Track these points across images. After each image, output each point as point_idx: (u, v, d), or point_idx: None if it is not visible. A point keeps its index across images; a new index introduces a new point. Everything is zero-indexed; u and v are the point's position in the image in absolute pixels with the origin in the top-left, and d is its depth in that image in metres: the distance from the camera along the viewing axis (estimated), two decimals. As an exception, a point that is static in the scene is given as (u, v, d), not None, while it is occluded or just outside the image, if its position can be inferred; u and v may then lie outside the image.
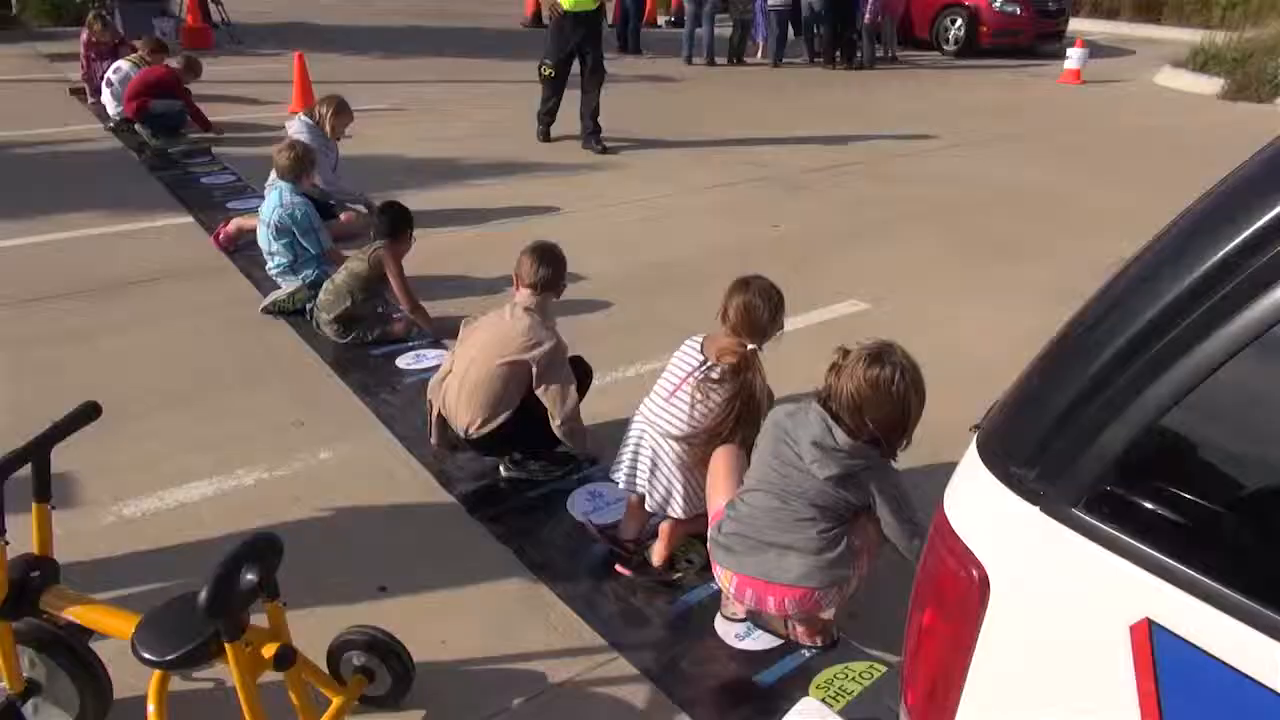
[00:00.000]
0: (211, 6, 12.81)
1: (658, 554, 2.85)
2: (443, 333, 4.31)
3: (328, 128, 5.56)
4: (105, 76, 7.88)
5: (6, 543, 1.98)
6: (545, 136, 8.21)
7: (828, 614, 2.49)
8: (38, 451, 2.05)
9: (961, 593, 1.30)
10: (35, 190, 6.25)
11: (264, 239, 4.62)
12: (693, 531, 2.87)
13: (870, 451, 2.29)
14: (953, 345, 4.48)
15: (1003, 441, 1.29)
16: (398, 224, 4.28)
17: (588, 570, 2.87)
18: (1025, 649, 1.27)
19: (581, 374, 3.32)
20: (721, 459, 2.64)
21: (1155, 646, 1.11)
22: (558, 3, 7.47)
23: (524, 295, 3.15)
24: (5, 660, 2.04)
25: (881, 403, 2.23)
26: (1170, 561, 1.10)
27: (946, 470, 1.46)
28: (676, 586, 2.82)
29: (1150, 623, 1.11)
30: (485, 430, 3.10)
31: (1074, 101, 11.48)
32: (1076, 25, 17.13)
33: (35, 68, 10.57)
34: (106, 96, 7.87)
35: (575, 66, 7.82)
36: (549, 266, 3.16)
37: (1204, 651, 1.07)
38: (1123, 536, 1.14)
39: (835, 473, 2.26)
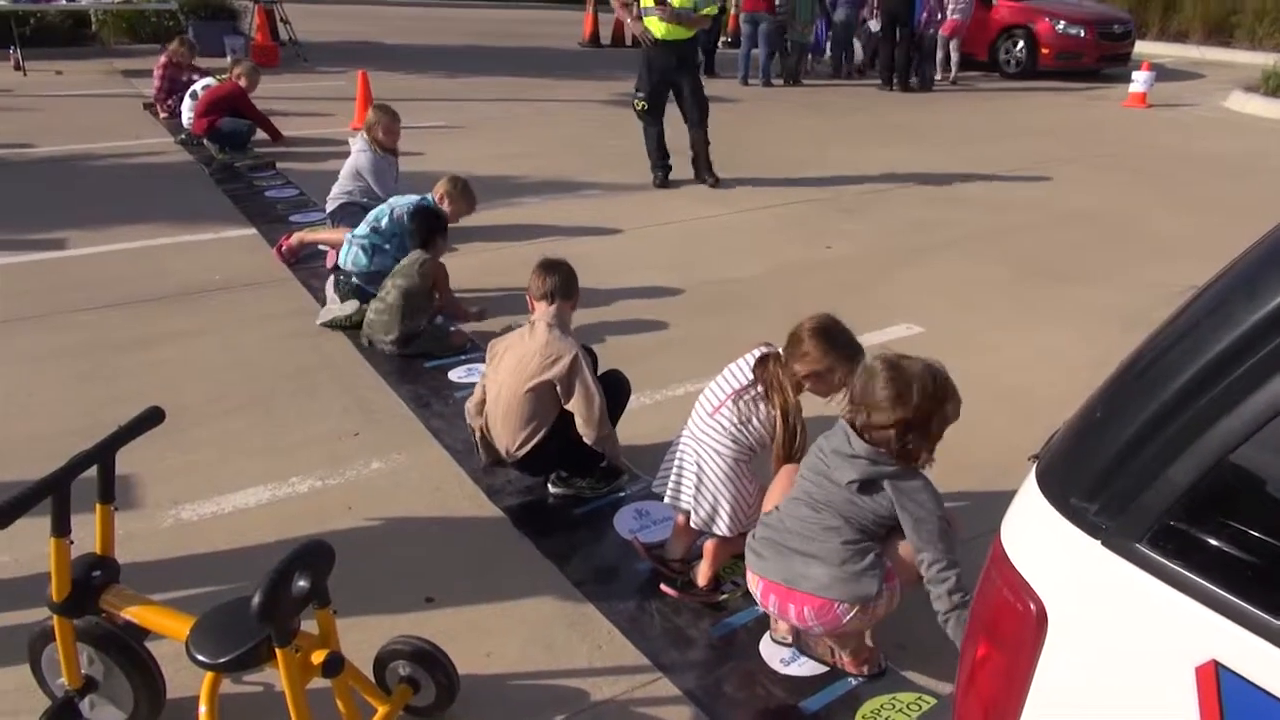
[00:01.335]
0: (280, 25, 13.19)
1: (703, 574, 2.84)
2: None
3: (380, 139, 5.65)
4: (192, 90, 8.11)
5: (71, 542, 2.03)
6: (662, 182, 7.39)
7: (859, 634, 2.44)
8: (103, 454, 2.11)
9: (1017, 625, 1.26)
10: (108, 201, 6.47)
11: (377, 216, 4.76)
12: (738, 552, 2.85)
13: (890, 460, 2.27)
14: (1009, 371, 4.40)
15: (1063, 472, 1.26)
16: (430, 231, 4.42)
17: (633, 588, 2.86)
18: (1083, 687, 1.23)
19: (620, 389, 3.34)
20: (783, 477, 2.63)
21: (1222, 690, 1.07)
22: (649, 30, 6.94)
23: (540, 310, 3.20)
24: (66, 657, 2.09)
25: (912, 409, 2.21)
26: (1239, 601, 1.06)
27: (1001, 499, 1.43)
28: (721, 608, 2.79)
29: (1217, 665, 1.07)
30: (524, 451, 3.13)
31: (1139, 125, 11.24)
32: (1143, 48, 16.80)
33: (111, 83, 10.97)
34: (186, 110, 8.12)
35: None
36: (557, 276, 3.19)
37: (1274, 696, 1.03)
38: (1188, 574, 1.10)
39: (854, 477, 2.26)
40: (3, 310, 4.61)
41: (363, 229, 4.75)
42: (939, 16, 13.08)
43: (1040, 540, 1.27)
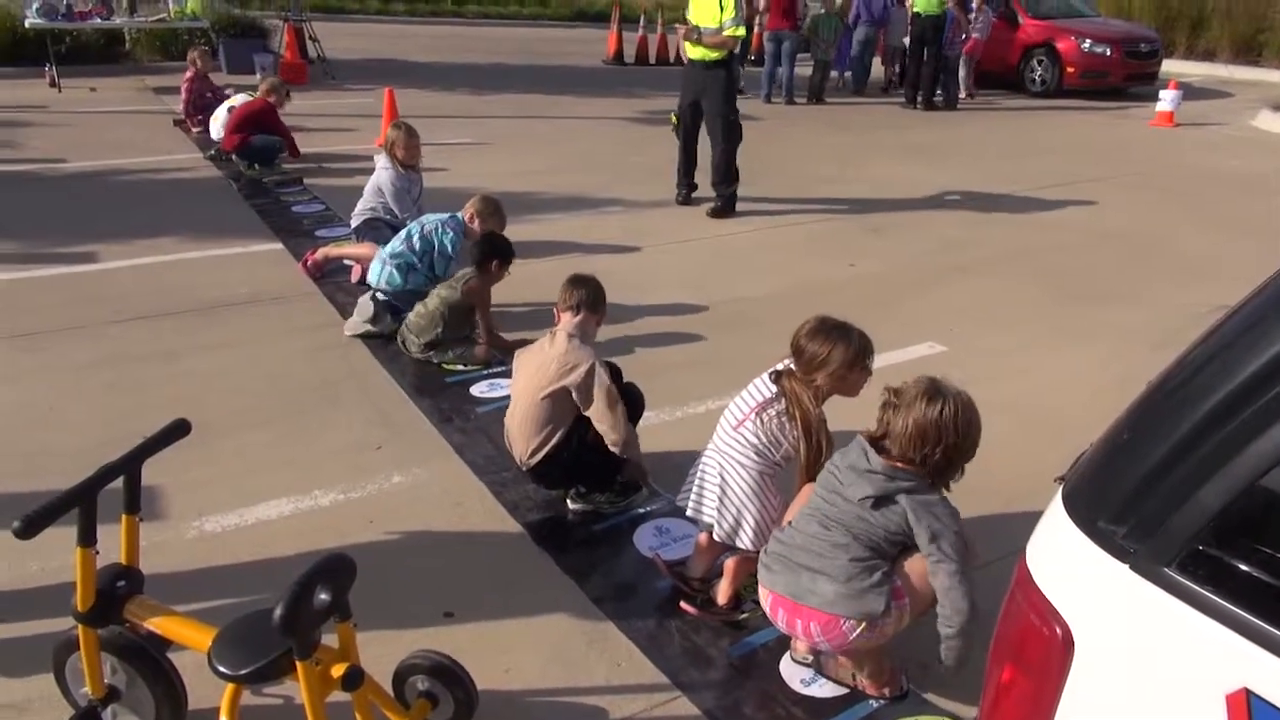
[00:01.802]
0: (309, 43, 13.37)
1: (723, 592, 2.82)
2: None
3: (399, 156, 5.69)
4: (228, 105, 8.23)
5: (97, 552, 2.05)
6: (683, 199, 7.46)
7: (875, 654, 2.42)
8: (130, 466, 2.13)
9: (1044, 650, 1.24)
10: (138, 215, 6.56)
11: (408, 233, 4.80)
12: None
13: (909, 475, 2.26)
14: (1035, 391, 4.36)
15: (1091, 494, 1.25)
16: (487, 254, 4.42)
17: (652, 606, 2.85)
18: (1111, 714, 1.21)
19: (634, 403, 3.35)
20: (804, 493, 2.62)
21: (1254, 719, 1.05)
22: (685, 49, 7.07)
23: (565, 320, 3.24)
24: (90, 666, 2.11)
25: (941, 437, 2.22)
26: (1271, 629, 1.04)
27: (1026, 521, 1.42)
28: (741, 627, 2.77)
29: (1248, 693, 1.05)
30: (538, 458, 3.15)
31: (1166, 144, 11.15)
32: (1170, 66, 16.70)
33: (143, 99, 11.16)
34: (216, 126, 8.24)
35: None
36: (585, 289, 3.25)
37: (1309, 727, 1.01)
38: (1219, 600, 1.08)
39: (869, 493, 2.25)
40: (34, 322, 4.68)
41: (396, 246, 4.78)
42: (963, 35, 13.09)
43: (1067, 564, 1.25)
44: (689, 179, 7.46)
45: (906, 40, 13.61)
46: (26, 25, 11.63)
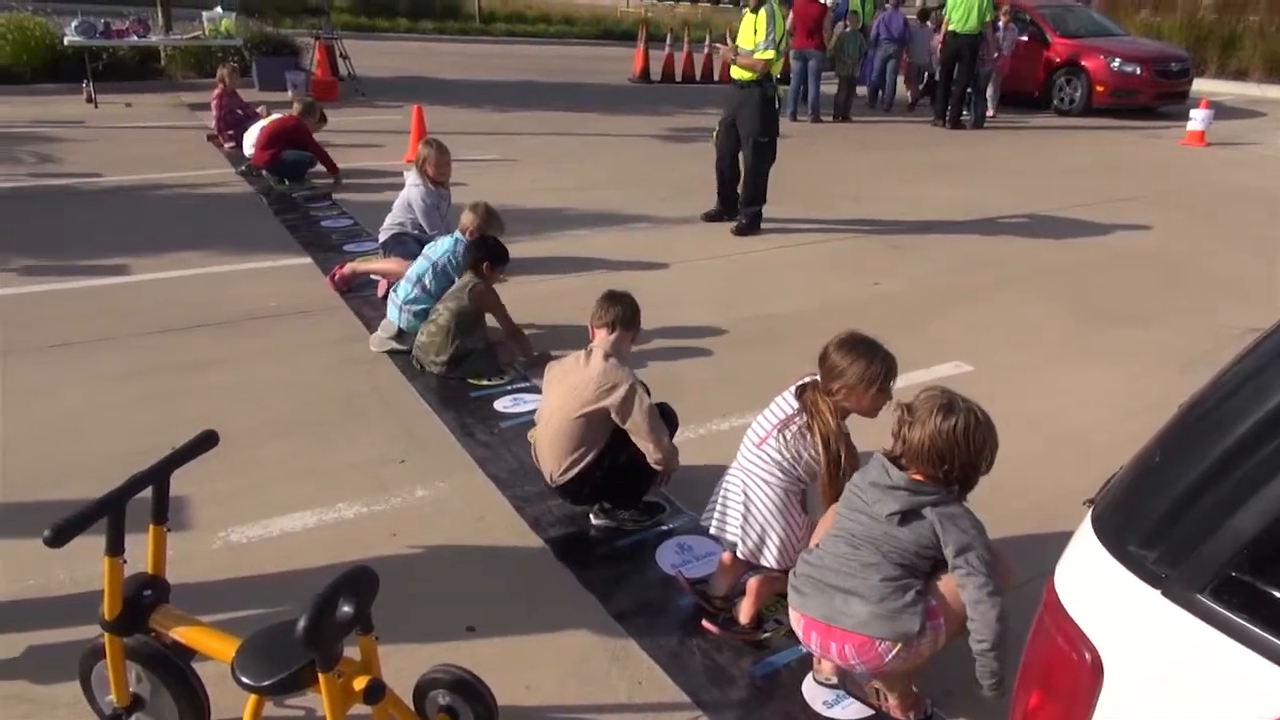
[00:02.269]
0: (340, 61, 13.56)
1: (745, 612, 2.80)
2: (540, 361, 4.46)
3: (430, 173, 5.74)
4: (260, 125, 8.34)
5: (124, 561, 2.07)
6: (710, 216, 7.46)
7: (906, 677, 2.39)
8: (158, 476, 2.15)
9: (1072, 675, 1.22)
10: (171, 229, 6.66)
11: (419, 275, 4.76)
12: (781, 591, 2.81)
13: (932, 489, 2.24)
14: (1062, 411, 4.31)
15: (1121, 518, 1.23)
16: (477, 259, 4.46)
17: (674, 624, 2.83)
18: (1142, 742, 1.18)
19: (668, 421, 3.32)
20: (830, 514, 2.60)
21: (1290, 751, 1.03)
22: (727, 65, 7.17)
23: (600, 337, 3.23)
24: (115, 674, 2.13)
25: (959, 451, 2.21)
26: (1308, 659, 1.02)
27: (1054, 543, 1.40)
28: (764, 646, 2.75)
29: (1285, 724, 1.03)
30: (568, 476, 3.14)
31: (1197, 164, 11.03)
32: (1201, 86, 16.55)
33: (177, 115, 11.35)
34: (249, 142, 8.36)
35: None
36: (621, 306, 3.24)
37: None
38: (1253, 628, 1.06)
39: (895, 509, 2.23)
40: (68, 333, 4.76)
41: (409, 290, 4.68)
42: (994, 55, 13.07)
43: (1096, 588, 1.23)
44: (720, 194, 7.48)
45: (930, 58, 13.66)
46: (66, 43, 11.89)
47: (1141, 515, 1.19)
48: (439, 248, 4.83)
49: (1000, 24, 13.36)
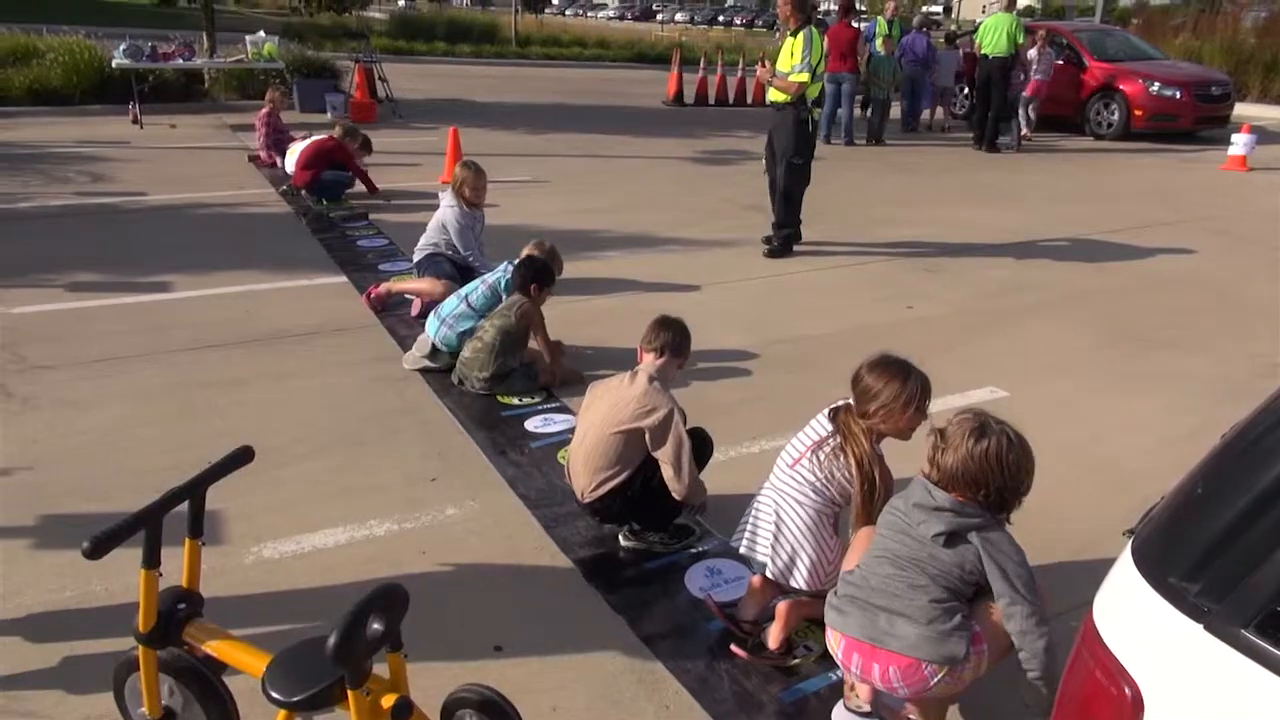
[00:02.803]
0: (378, 84, 13.80)
1: (774, 637, 2.77)
2: (574, 379, 4.61)
3: (466, 195, 5.80)
4: (301, 146, 8.51)
5: (160, 574, 2.10)
6: (766, 241, 7.34)
7: (942, 704, 2.34)
8: (195, 491, 2.18)
9: (1112, 710, 1.20)
10: (211, 247, 6.79)
11: (467, 292, 4.82)
12: (812, 616, 2.78)
13: (975, 511, 2.22)
14: (1100, 440, 4.24)
15: (1162, 550, 1.20)
16: (526, 279, 4.51)
17: (702, 648, 2.81)
18: (1183, 781, 1.15)
19: (704, 446, 3.34)
20: (863, 537, 2.58)
21: (1340, 794, 0.99)
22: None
23: (647, 361, 3.25)
24: (149, 686, 2.15)
25: (993, 475, 2.19)
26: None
27: (1091, 572, 1.37)
28: (793, 673, 2.72)
29: (1334, 766, 1.00)
30: (599, 493, 3.15)
31: (1238, 189, 10.86)
32: (1243, 110, 16.34)
33: (220, 136, 11.59)
34: (290, 161, 8.51)
35: None
36: (671, 332, 3.26)
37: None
38: (1301, 665, 1.03)
39: (940, 529, 2.21)
40: (110, 348, 4.85)
41: (455, 305, 4.74)
42: (1020, 77, 13.03)
43: (1136, 621, 1.21)
44: (776, 224, 7.43)
45: (954, 81, 13.74)
46: (114, 66, 12.21)
47: (1184, 547, 1.16)
48: (496, 272, 4.91)
49: (1033, 48, 13.31)
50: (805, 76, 6.69)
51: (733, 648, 2.77)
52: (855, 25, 12.80)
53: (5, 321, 5.18)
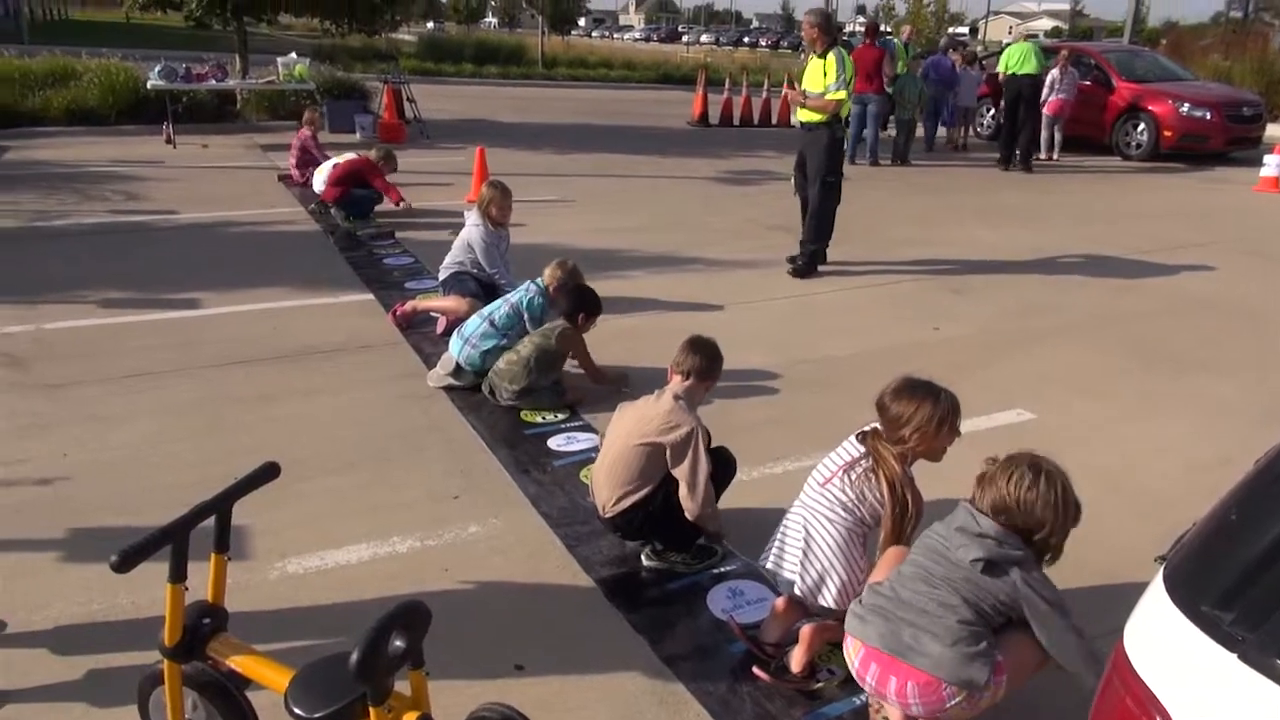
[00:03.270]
0: (406, 104, 13.98)
1: (797, 660, 2.74)
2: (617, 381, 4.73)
3: (492, 214, 5.84)
4: (332, 162, 8.62)
5: (186, 589, 2.11)
6: (791, 260, 7.33)
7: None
8: (221, 505, 2.20)
9: (1143, 741, 1.17)
10: (240, 265, 6.88)
11: (491, 311, 4.84)
12: (834, 640, 2.75)
13: (1019, 544, 2.22)
14: (1130, 464, 4.18)
15: (1195, 577, 1.18)
16: (575, 308, 4.57)
17: (724, 669, 2.79)
18: (1218, 815, 1.12)
19: (725, 465, 3.34)
20: (890, 556, 2.57)
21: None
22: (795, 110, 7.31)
23: (675, 382, 3.27)
24: (172, 701, 2.16)
25: (1030, 514, 2.20)
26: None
27: (1121, 599, 1.35)
28: (816, 696, 2.69)
29: (1375, 802, 0.97)
30: (620, 507, 3.15)
31: (1271, 211, 10.73)
32: (1276, 131, 16.15)
33: (251, 156, 11.78)
34: (319, 180, 8.62)
35: None
36: (700, 356, 3.27)
37: None
38: (1340, 698, 1.01)
39: (980, 555, 2.20)
40: (139, 364, 4.92)
41: (478, 324, 4.76)
42: (1045, 96, 13.06)
43: (1169, 650, 1.18)
44: (806, 244, 7.41)
45: (975, 101, 13.82)
46: (149, 87, 12.46)
47: (1217, 575, 1.14)
48: (519, 291, 4.94)
49: (1056, 67, 13.30)
50: (843, 95, 6.76)
51: (755, 670, 2.75)
52: (880, 46, 12.82)
53: (39, 336, 5.27)
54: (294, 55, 13.56)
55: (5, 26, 33.12)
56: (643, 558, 3.29)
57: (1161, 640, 1.20)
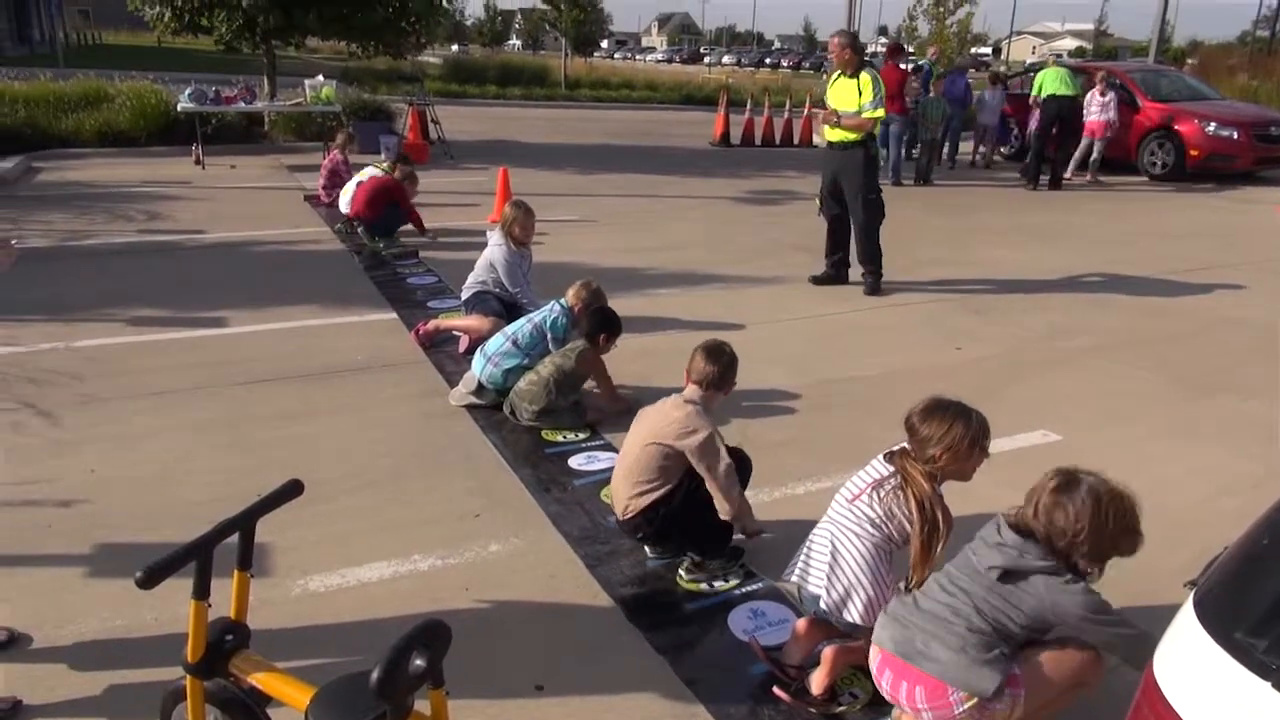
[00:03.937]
0: (430, 125, 14.13)
1: (818, 682, 2.72)
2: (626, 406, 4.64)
3: (515, 234, 5.87)
4: (357, 180, 8.73)
5: (209, 605, 2.13)
6: (821, 278, 7.49)
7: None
8: (245, 523, 2.21)
9: (1173, 771, 1.15)
10: (266, 284, 6.96)
11: (513, 331, 4.85)
12: (857, 663, 2.72)
13: (1042, 554, 2.20)
14: (1159, 486, 4.10)
15: (1226, 603, 1.16)
16: (597, 328, 4.58)
17: (745, 691, 2.76)
18: None
19: (741, 466, 3.38)
20: (916, 571, 2.58)
21: None
22: (822, 131, 7.35)
23: (690, 389, 3.32)
24: (195, 716, 2.16)
25: (1050, 521, 2.21)
26: None
27: (1151, 623, 1.33)
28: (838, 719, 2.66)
29: None
30: (640, 504, 3.19)
31: (1300, 231, 10.59)
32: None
33: (277, 176, 11.93)
34: (345, 199, 8.72)
35: None
36: (715, 364, 3.31)
37: None
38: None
39: (997, 563, 2.20)
40: (165, 382, 4.97)
41: (501, 343, 4.77)
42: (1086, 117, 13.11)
43: (1200, 677, 1.16)
44: (832, 257, 7.51)
45: (996, 120, 13.88)
46: (179, 109, 12.68)
47: (1249, 601, 1.12)
48: (543, 311, 4.95)
49: (1096, 87, 13.29)
50: (881, 113, 6.85)
51: (776, 691, 2.72)
52: (903, 67, 12.85)
53: (68, 354, 5.35)
54: (321, 77, 13.74)
55: (42, 51, 33.88)
56: (682, 572, 3.30)
57: (1193, 667, 1.18)
